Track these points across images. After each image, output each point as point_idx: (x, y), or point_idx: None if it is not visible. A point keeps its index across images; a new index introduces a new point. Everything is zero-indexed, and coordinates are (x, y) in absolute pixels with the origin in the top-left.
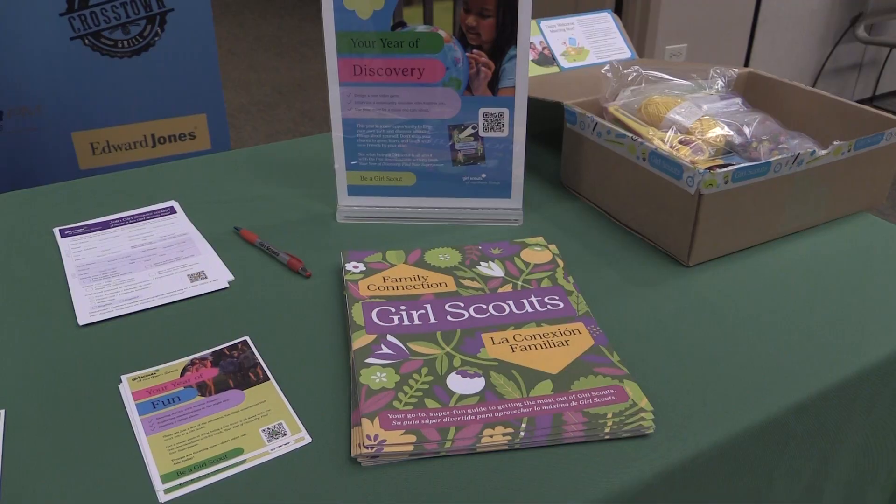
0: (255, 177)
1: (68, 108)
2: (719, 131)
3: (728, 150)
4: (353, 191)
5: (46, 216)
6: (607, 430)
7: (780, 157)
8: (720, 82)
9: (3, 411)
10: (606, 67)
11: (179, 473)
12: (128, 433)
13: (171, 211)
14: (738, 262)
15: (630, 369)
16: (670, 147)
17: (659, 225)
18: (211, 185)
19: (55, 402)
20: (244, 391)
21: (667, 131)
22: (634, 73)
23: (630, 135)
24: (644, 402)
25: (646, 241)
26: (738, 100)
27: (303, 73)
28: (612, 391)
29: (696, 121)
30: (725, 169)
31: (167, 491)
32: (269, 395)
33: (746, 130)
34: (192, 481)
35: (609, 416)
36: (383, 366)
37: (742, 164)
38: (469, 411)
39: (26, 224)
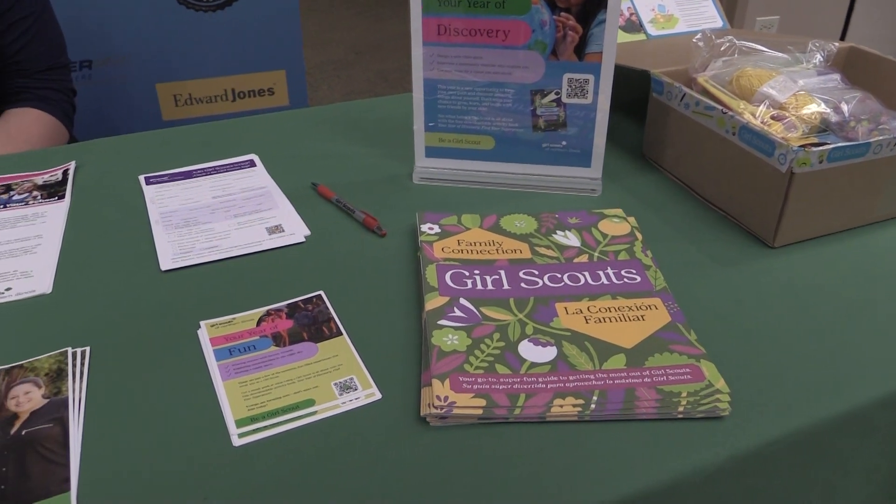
0: (333, 134)
1: (154, 60)
2: (815, 108)
3: (823, 128)
4: (431, 152)
5: (132, 163)
6: (681, 408)
7: (880, 138)
8: (818, 56)
9: (88, 348)
10: (698, 36)
11: (253, 419)
12: (205, 377)
13: (251, 164)
14: (827, 246)
15: (706, 349)
16: (762, 122)
17: (745, 203)
18: (290, 140)
19: (137, 342)
20: (317, 344)
21: (759, 105)
22: (727, 44)
23: (719, 107)
24: (721, 384)
25: (729, 219)
26: (837, 76)
27: (380, 32)
28: (687, 370)
29: (791, 96)
30: (821, 148)
31: (241, 436)
32: (342, 350)
33: (844, 108)
34: (265, 428)
35: (683, 394)
36: (455, 328)
37: (839, 144)
38: (540, 379)
39: (114, 170)
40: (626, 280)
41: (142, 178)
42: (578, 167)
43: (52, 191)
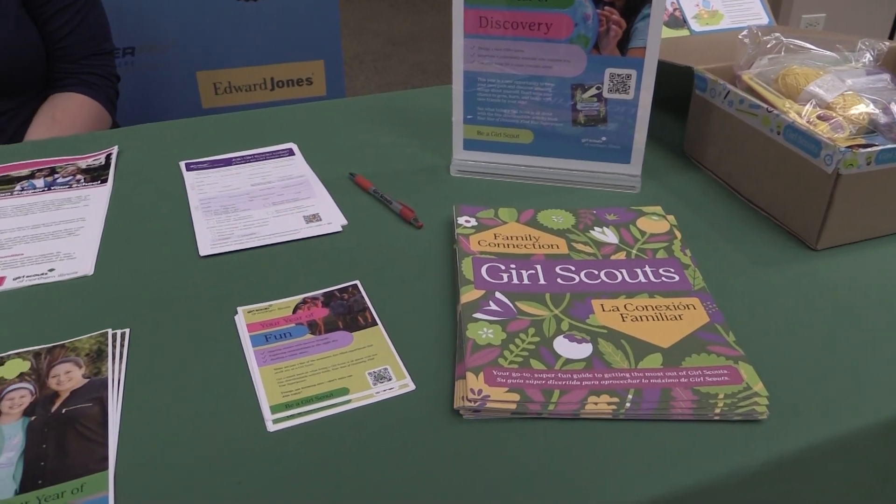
0: (371, 125)
1: (195, 48)
2: (863, 108)
3: (871, 129)
4: (469, 145)
5: (173, 150)
6: (717, 410)
7: None
8: (868, 56)
9: (128, 330)
10: (744, 33)
11: (288, 406)
12: (241, 362)
13: (290, 153)
14: (871, 249)
15: (745, 351)
16: (807, 122)
17: (788, 203)
18: (328, 129)
19: (175, 325)
20: (352, 333)
21: (805, 105)
22: (774, 41)
23: (765, 106)
24: (759, 387)
25: (771, 220)
26: (887, 76)
27: (418, 24)
28: (725, 371)
29: (839, 95)
30: (869, 149)
31: (275, 421)
32: (377, 340)
33: (894, 109)
34: (300, 415)
35: (721, 396)
36: (490, 322)
37: (888, 146)
38: (574, 376)
39: (155, 156)
40: (664, 279)
41: (182, 164)
42: (618, 163)
43: (95, 175)
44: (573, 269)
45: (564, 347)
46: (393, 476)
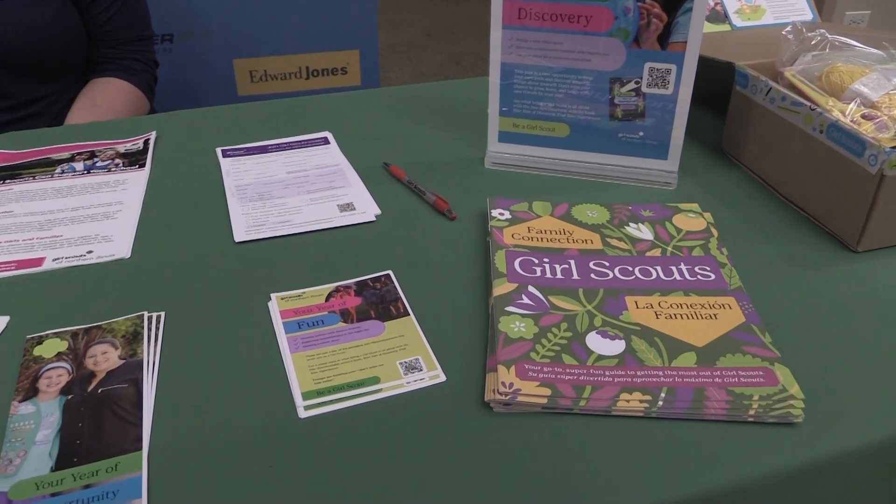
0: (406, 115)
1: (232, 35)
2: None
3: None
4: (504, 137)
5: (210, 136)
6: (752, 412)
7: None
8: None
9: (163, 313)
10: (788, 29)
11: (319, 393)
12: (273, 348)
13: (325, 141)
14: None
15: (781, 353)
16: (851, 121)
17: (829, 204)
18: (363, 119)
19: (210, 310)
20: (384, 323)
21: (849, 103)
22: (818, 38)
23: (808, 103)
24: (795, 389)
25: (810, 220)
26: None
27: (453, 15)
28: (760, 373)
29: (884, 94)
30: None
31: (307, 408)
32: (408, 330)
33: None
34: (331, 402)
35: (755, 398)
36: (522, 316)
37: None
38: (607, 372)
39: (192, 142)
40: (699, 277)
41: (219, 150)
42: (654, 159)
43: (133, 159)
44: (607, 264)
45: (597, 343)
46: (422, 466)
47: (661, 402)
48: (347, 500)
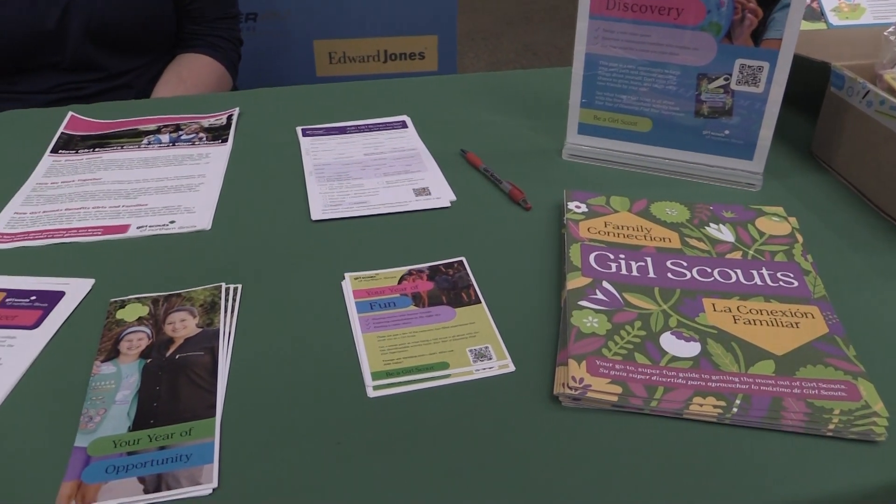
0: (484, 103)
1: (314, 17)
2: None
3: None
4: (584, 129)
5: (291, 115)
6: (831, 426)
7: None
8: None
9: (240, 286)
10: (890, 29)
11: (388, 374)
12: (345, 327)
13: (403, 125)
14: None
15: (866, 368)
16: None
17: None
18: (440, 105)
19: (285, 285)
20: (455, 309)
21: None
22: None
23: None
24: (879, 406)
25: None
26: None
27: (531, 4)
28: (842, 386)
29: None
30: None
31: (376, 388)
32: (479, 318)
33: None
34: (399, 384)
35: (836, 412)
36: (596, 311)
37: None
38: (680, 374)
39: (273, 120)
40: (781, 283)
41: (299, 129)
42: (739, 159)
43: (217, 134)
44: (685, 264)
45: (671, 344)
46: (487, 455)
47: (735, 409)
48: (412, 481)
